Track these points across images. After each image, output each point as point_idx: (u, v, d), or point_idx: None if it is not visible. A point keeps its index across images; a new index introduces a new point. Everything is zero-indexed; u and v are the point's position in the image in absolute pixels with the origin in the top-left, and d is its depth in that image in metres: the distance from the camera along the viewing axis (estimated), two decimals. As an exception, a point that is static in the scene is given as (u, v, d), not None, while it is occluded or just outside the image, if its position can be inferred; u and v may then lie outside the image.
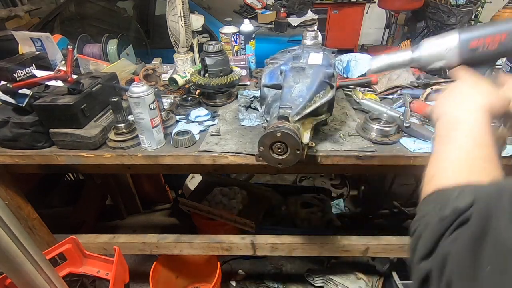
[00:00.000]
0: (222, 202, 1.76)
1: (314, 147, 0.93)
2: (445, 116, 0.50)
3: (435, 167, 0.46)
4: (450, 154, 0.45)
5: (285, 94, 0.84)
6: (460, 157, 0.44)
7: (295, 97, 0.82)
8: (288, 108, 0.78)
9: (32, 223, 1.23)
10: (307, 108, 0.81)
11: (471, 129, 0.46)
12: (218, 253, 1.40)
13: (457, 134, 0.46)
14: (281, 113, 0.77)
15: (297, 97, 0.82)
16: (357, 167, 0.98)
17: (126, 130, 0.98)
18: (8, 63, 1.06)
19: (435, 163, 0.46)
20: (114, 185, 2.07)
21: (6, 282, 1.01)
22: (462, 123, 0.47)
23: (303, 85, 0.85)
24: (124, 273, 1.23)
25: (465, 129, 0.46)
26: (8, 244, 0.72)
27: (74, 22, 3.10)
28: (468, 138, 0.45)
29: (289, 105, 0.79)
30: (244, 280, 1.79)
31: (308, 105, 0.82)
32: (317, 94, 0.85)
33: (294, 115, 0.79)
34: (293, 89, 0.84)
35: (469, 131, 0.45)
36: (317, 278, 1.70)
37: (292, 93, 0.84)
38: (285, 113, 0.77)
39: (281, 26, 2.81)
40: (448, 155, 0.45)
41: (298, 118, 0.79)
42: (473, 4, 3.52)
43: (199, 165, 0.98)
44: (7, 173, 1.12)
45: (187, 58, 1.43)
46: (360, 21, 4.77)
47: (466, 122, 0.46)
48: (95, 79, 1.07)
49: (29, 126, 0.95)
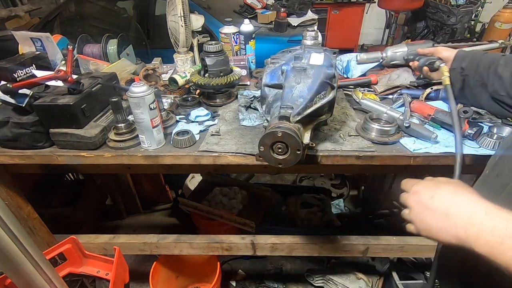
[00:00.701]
0: (222, 202, 1.76)
1: (314, 147, 0.93)
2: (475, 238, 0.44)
3: None
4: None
5: (286, 94, 0.84)
6: None
7: (296, 97, 0.82)
8: (289, 108, 0.78)
9: (32, 223, 1.23)
10: (308, 109, 0.81)
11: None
12: (218, 253, 1.40)
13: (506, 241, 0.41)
14: (282, 113, 0.77)
15: (298, 97, 0.82)
16: (357, 167, 0.98)
17: (126, 130, 0.98)
18: (8, 63, 1.06)
19: None
20: (114, 185, 2.07)
21: (6, 282, 1.01)
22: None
23: (304, 85, 0.85)
24: (124, 273, 1.23)
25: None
26: (8, 244, 0.72)
27: (74, 22, 3.10)
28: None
29: (290, 105, 0.79)
30: (244, 280, 1.79)
31: (309, 106, 0.82)
32: (318, 95, 0.85)
33: (295, 115, 0.78)
34: (294, 89, 0.84)
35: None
36: (317, 278, 1.70)
37: (293, 93, 0.83)
38: (286, 113, 0.77)
39: (281, 26, 2.81)
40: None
41: (299, 118, 0.79)
42: (473, 4, 3.52)
43: (199, 165, 0.98)
44: (7, 173, 1.12)
45: (187, 58, 1.43)
46: (360, 21, 4.77)
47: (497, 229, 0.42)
48: (95, 79, 1.07)
49: (29, 126, 0.95)
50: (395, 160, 0.94)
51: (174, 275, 1.65)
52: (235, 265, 1.88)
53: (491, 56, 0.91)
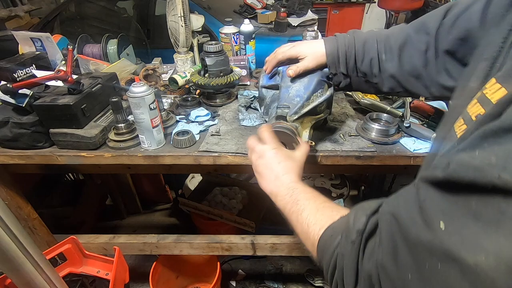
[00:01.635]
0: (222, 202, 1.76)
1: (314, 147, 0.93)
2: (275, 197, 0.64)
3: (305, 228, 0.53)
4: (305, 214, 0.54)
5: (282, 94, 0.84)
6: (313, 211, 0.54)
7: (293, 97, 0.83)
8: (285, 108, 0.79)
9: (32, 223, 1.23)
10: (305, 107, 0.82)
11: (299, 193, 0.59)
12: (218, 253, 1.40)
13: (297, 205, 0.57)
14: (279, 113, 0.78)
15: (294, 97, 0.82)
16: (357, 167, 0.98)
17: (126, 130, 0.98)
18: (8, 63, 1.06)
19: (301, 227, 0.54)
20: (114, 185, 2.07)
21: (6, 282, 1.01)
22: (291, 195, 0.59)
23: (301, 85, 0.85)
24: (124, 273, 1.23)
25: (297, 199, 0.58)
26: (8, 244, 0.72)
27: (74, 22, 3.10)
28: (304, 200, 0.57)
29: (286, 105, 0.80)
30: (244, 280, 1.79)
31: (306, 104, 0.82)
32: (315, 93, 0.85)
33: (292, 114, 0.79)
34: (290, 89, 0.85)
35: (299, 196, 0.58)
36: (317, 278, 1.70)
37: (290, 93, 0.84)
38: (282, 113, 0.78)
39: (281, 26, 2.81)
40: (304, 216, 0.54)
41: (297, 117, 0.79)
42: (473, 4, 3.52)
43: (199, 165, 0.98)
44: (7, 173, 1.11)
45: (187, 58, 1.43)
46: (360, 21, 4.76)
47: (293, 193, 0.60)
48: (95, 79, 1.07)
49: (29, 126, 0.95)
50: (395, 160, 0.94)
51: (174, 275, 1.65)
52: (235, 265, 1.88)
53: (368, 48, 0.79)
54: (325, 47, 0.84)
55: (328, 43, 0.84)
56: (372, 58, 0.79)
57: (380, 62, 0.79)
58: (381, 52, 0.78)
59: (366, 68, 0.81)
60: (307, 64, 0.84)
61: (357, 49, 0.80)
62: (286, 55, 0.88)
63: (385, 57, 0.78)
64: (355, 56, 0.81)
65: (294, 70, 0.84)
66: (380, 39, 0.79)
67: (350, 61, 0.82)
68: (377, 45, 0.78)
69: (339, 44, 0.83)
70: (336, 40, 0.84)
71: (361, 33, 0.83)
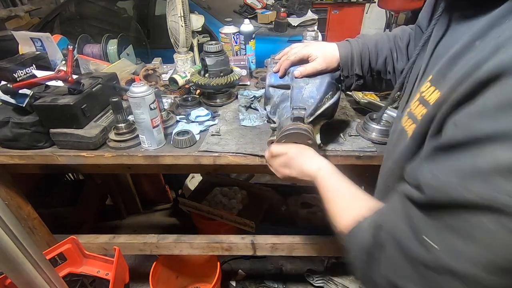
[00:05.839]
0: (222, 202, 1.76)
1: (323, 148, 0.93)
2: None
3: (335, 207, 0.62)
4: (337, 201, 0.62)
5: (295, 94, 0.83)
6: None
7: (307, 98, 0.82)
8: (302, 109, 0.77)
9: (32, 223, 1.23)
10: (318, 109, 0.81)
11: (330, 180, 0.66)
12: (218, 253, 1.40)
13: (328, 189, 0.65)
14: (296, 114, 0.76)
15: (308, 98, 0.81)
16: (357, 167, 0.98)
17: (126, 130, 0.98)
18: (8, 63, 1.06)
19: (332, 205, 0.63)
20: (114, 185, 2.07)
21: (6, 282, 1.01)
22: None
23: (313, 86, 0.84)
24: (124, 273, 1.23)
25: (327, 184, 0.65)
26: (8, 244, 0.72)
27: (74, 22, 3.10)
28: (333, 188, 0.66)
29: (302, 106, 0.78)
30: (244, 280, 1.79)
31: (319, 106, 0.82)
32: (326, 95, 0.84)
33: (307, 116, 0.78)
34: (303, 90, 0.83)
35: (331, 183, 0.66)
36: (317, 278, 1.70)
37: (303, 94, 0.83)
38: (300, 114, 0.76)
39: (281, 26, 2.81)
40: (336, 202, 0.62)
41: (312, 119, 0.79)
42: (473, 4, 3.52)
43: (199, 165, 0.98)
44: (7, 173, 1.11)
45: (187, 58, 1.43)
46: (360, 21, 4.76)
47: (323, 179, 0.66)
48: (95, 79, 1.07)
49: (29, 126, 0.95)
50: (395, 160, 0.94)
51: (174, 275, 1.65)
52: (235, 265, 1.88)
53: (380, 48, 0.85)
54: (339, 50, 0.87)
55: (342, 47, 0.88)
56: (386, 57, 0.85)
57: (394, 61, 0.84)
58: (393, 50, 0.84)
59: (380, 67, 0.86)
60: (316, 66, 0.85)
61: (370, 50, 0.85)
62: (298, 56, 0.88)
63: (396, 56, 0.83)
64: (369, 56, 0.85)
65: (301, 72, 0.85)
66: (389, 39, 0.85)
67: (365, 62, 0.86)
68: (388, 44, 0.84)
69: (352, 46, 0.87)
70: (350, 43, 0.88)
71: (370, 36, 0.89)
